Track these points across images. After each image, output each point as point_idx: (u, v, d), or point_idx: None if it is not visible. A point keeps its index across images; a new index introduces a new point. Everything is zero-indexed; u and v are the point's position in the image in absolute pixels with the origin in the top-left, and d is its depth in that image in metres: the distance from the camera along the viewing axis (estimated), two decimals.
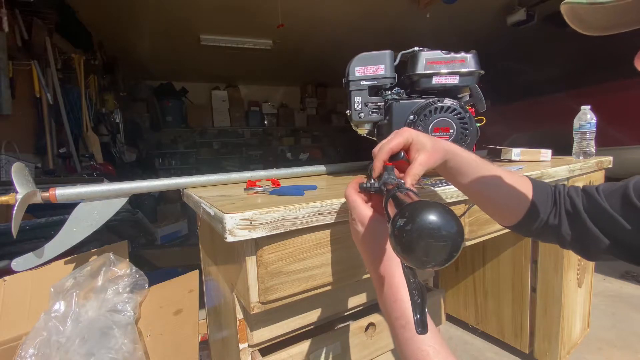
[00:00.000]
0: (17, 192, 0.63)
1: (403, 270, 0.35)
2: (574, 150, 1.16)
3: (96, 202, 0.73)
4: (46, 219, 1.02)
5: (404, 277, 0.35)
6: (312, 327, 0.62)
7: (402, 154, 0.47)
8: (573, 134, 1.15)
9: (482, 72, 0.69)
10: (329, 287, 0.55)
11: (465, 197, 0.67)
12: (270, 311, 0.54)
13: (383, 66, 0.70)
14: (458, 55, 0.68)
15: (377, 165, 0.46)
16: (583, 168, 1.05)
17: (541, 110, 2.96)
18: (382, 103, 0.71)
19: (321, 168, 0.96)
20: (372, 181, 0.46)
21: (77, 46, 2.79)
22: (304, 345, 0.58)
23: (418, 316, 0.33)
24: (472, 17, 3.45)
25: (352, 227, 0.46)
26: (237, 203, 0.53)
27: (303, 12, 3.10)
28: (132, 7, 2.80)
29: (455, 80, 0.68)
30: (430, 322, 0.33)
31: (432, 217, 0.24)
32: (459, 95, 0.72)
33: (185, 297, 0.92)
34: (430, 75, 0.68)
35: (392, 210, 0.33)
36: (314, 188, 0.64)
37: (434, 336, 0.35)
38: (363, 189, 0.47)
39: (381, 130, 0.73)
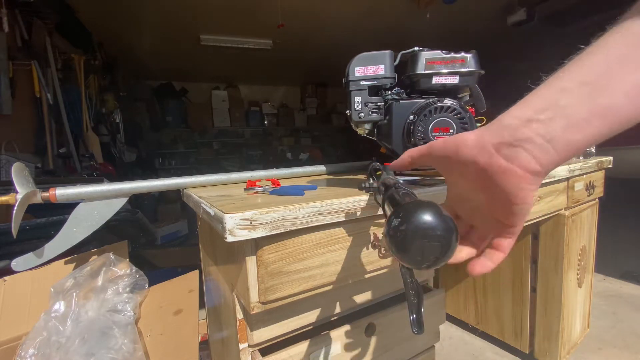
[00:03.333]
0: (17, 192, 0.63)
1: (400, 271, 0.35)
2: None
3: (96, 202, 0.73)
4: (46, 219, 1.02)
5: (402, 277, 0.35)
6: (312, 327, 0.62)
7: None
8: None
9: (482, 72, 0.69)
10: (329, 287, 0.56)
11: None
12: (270, 311, 0.54)
13: (383, 66, 0.70)
14: (458, 55, 0.68)
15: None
16: (583, 168, 1.05)
17: None
18: (382, 103, 0.71)
19: (321, 168, 0.96)
20: (371, 181, 0.46)
21: (77, 46, 2.79)
22: (304, 345, 0.58)
23: (414, 316, 0.33)
24: (472, 17, 3.45)
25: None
26: (237, 203, 0.53)
27: (303, 12, 3.10)
28: (131, 7, 2.80)
29: (455, 80, 0.68)
30: None
31: (427, 217, 0.24)
32: (459, 95, 0.72)
33: (185, 297, 0.92)
34: (430, 75, 0.68)
35: (389, 210, 0.34)
36: (314, 188, 0.64)
37: None
38: (361, 189, 0.47)
39: (381, 130, 0.73)
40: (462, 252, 0.34)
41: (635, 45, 0.25)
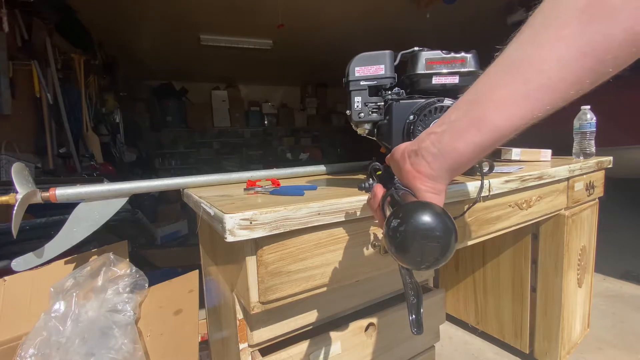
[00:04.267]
0: (17, 192, 0.63)
1: (400, 271, 0.35)
2: (574, 150, 1.16)
3: (96, 202, 0.73)
4: (46, 219, 1.02)
5: (401, 277, 0.35)
6: (312, 327, 0.62)
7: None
8: (573, 134, 1.15)
9: (482, 72, 0.69)
10: (329, 287, 0.56)
11: (464, 197, 0.67)
12: (270, 311, 0.54)
13: (383, 66, 0.70)
14: (458, 55, 0.68)
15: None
16: (583, 168, 1.05)
17: None
18: (382, 103, 0.71)
19: (321, 168, 0.96)
20: (371, 181, 0.46)
21: (77, 46, 2.79)
22: (304, 345, 0.58)
23: (414, 316, 0.33)
24: (472, 17, 3.45)
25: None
26: (237, 203, 0.53)
27: (303, 12, 3.10)
28: (132, 7, 2.80)
29: (455, 80, 0.68)
30: None
31: (426, 218, 0.24)
32: (459, 95, 0.72)
33: (185, 297, 0.92)
34: (430, 75, 0.68)
35: (388, 210, 0.34)
36: (314, 188, 0.64)
37: None
38: (361, 189, 0.47)
39: (381, 130, 0.73)
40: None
41: (506, 67, 0.30)
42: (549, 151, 1.12)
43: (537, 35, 0.29)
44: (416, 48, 0.69)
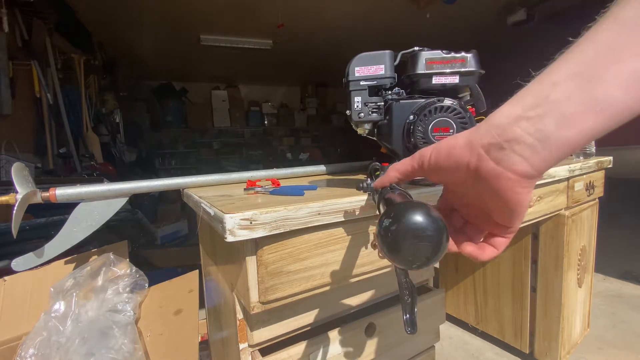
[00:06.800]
0: (17, 192, 0.63)
1: (395, 271, 0.35)
2: None
3: (96, 202, 0.73)
4: (46, 219, 1.02)
5: (396, 277, 0.35)
6: (312, 327, 0.62)
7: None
8: None
9: (483, 72, 0.69)
10: (328, 287, 0.55)
11: None
12: (270, 311, 0.54)
13: (383, 66, 0.70)
14: (458, 55, 0.68)
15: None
16: (583, 168, 1.05)
17: None
18: (382, 103, 0.71)
19: (321, 168, 0.96)
20: (369, 181, 0.46)
21: (77, 46, 2.79)
22: (304, 345, 0.58)
23: (408, 316, 0.33)
24: (472, 17, 3.45)
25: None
26: (237, 203, 0.53)
27: (303, 12, 3.10)
28: (132, 7, 2.80)
29: (455, 80, 0.68)
30: None
31: (417, 218, 0.24)
32: (459, 95, 0.72)
33: (185, 297, 0.92)
34: (430, 75, 0.68)
35: (383, 210, 0.34)
36: (314, 188, 0.64)
37: None
38: (359, 189, 0.47)
39: (381, 130, 0.73)
40: (466, 248, 0.32)
41: (625, 32, 0.23)
42: None
43: None
44: (416, 48, 0.69)
